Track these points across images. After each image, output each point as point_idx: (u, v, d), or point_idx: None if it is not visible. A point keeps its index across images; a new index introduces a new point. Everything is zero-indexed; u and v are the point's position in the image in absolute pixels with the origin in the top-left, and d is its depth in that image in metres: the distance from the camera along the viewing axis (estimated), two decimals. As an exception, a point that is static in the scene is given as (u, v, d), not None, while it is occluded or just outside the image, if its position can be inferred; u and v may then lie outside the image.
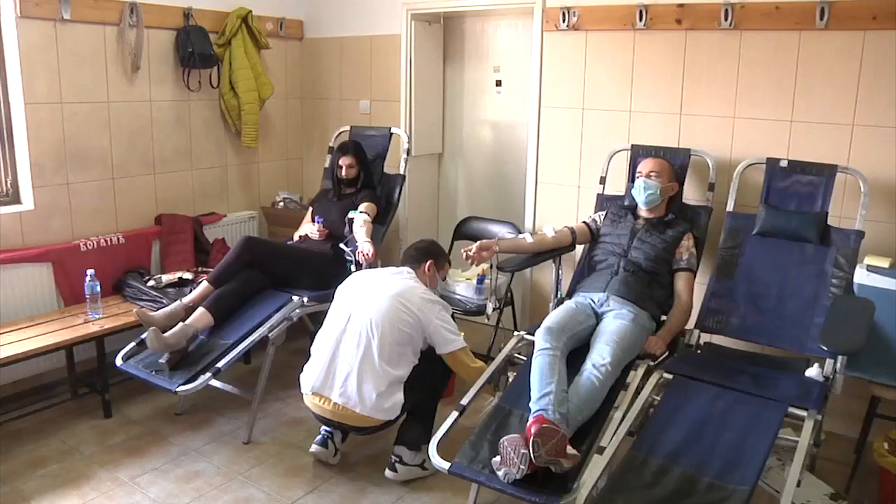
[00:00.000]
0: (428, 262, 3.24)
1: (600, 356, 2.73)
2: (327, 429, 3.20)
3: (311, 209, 4.23)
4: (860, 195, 3.11)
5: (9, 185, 3.72)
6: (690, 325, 3.21)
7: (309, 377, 3.06)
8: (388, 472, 3.06)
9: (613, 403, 2.68)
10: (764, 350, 3.28)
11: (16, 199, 3.75)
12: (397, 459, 3.05)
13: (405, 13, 4.56)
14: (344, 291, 3.15)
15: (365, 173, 4.12)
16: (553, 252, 3.42)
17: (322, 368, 3.01)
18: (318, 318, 3.77)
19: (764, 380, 2.78)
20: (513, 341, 3.11)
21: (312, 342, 3.17)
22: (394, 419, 2.99)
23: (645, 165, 3.35)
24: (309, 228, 4.03)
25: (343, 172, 4.06)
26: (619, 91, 3.84)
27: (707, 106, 3.60)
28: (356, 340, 2.96)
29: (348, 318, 3.02)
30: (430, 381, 3.09)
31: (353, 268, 3.56)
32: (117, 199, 4.10)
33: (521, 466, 2.30)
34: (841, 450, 3.29)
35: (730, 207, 3.39)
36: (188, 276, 3.95)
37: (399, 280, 3.09)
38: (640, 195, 3.30)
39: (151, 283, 3.88)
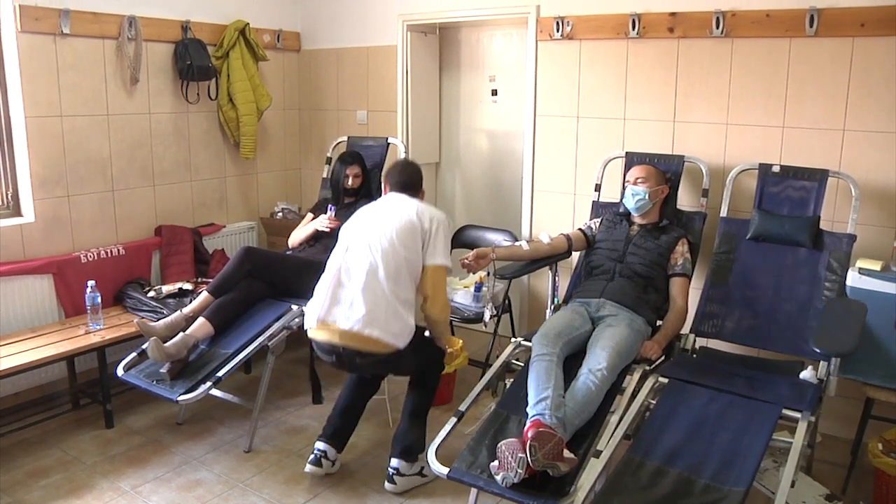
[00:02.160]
0: (422, 192, 3.27)
1: (597, 361, 2.75)
2: (320, 448, 3.17)
3: (310, 215, 4.23)
4: (852, 199, 3.15)
5: (10, 197, 3.76)
6: (686, 329, 3.23)
7: (313, 311, 2.98)
8: (387, 485, 3.07)
9: (610, 407, 2.70)
10: (759, 353, 3.31)
11: (17, 212, 3.78)
12: (395, 472, 3.07)
13: (401, 24, 4.60)
14: (346, 229, 3.12)
15: (365, 183, 4.17)
16: (550, 259, 3.44)
17: (326, 299, 2.94)
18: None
19: (758, 383, 2.80)
20: (510, 347, 3.13)
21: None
22: (402, 348, 2.90)
23: (631, 173, 3.40)
24: (319, 221, 4.04)
25: (350, 182, 4.08)
26: (614, 99, 3.88)
27: (700, 113, 3.64)
28: (359, 266, 2.92)
29: (347, 248, 3.00)
30: (424, 383, 3.13)
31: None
32: (117, 210, 4.13)
33: (519, 470, 2.32)
34: (837, 451, 3.32)
35: (723, 213, 3.42)
36: (188, 286, 3.98)
37: (402, 203, 3.08)
38: (629, 203, 3.35)
39: (152, 293, 3.91)
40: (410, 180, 3.23)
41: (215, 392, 3.36)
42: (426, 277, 2.99)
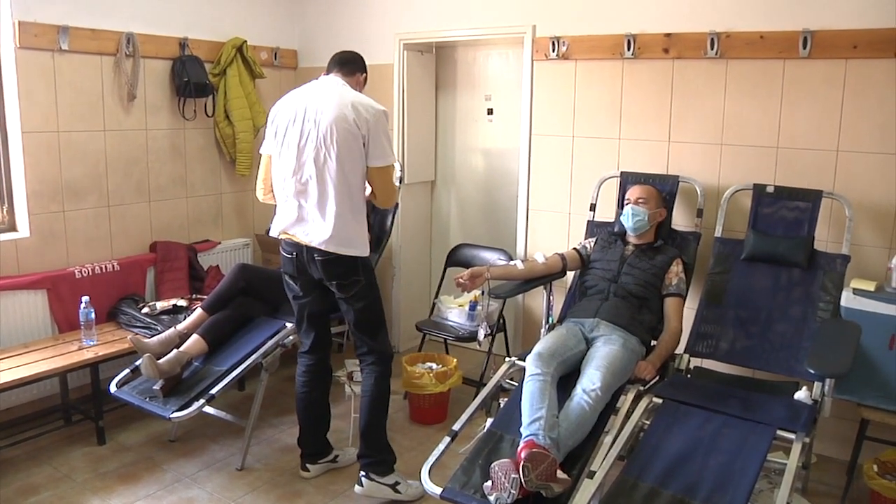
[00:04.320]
0: (362, 76, 3.23)
1: (591, 381, 2.75)
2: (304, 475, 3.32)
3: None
4: (846, 220, 3.16)
5: (5, 213, 3.76)
6: (680, 349, 3.23)
7: (278, 225, 3.09)
8: (356, 488, 3.11)
9: (604, 428, 2.69)
10: (754, 374, 3.31)
11: (12, 227, 3.77)
12: (364, 475, 3.10)
13: (398, 43, 4.63)
14: (279, 123, 3.08)
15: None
16: (544, 278, 3.44)
17: (289, 219, 3.03)
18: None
19: (753, 403, 2.80)
20: (504, 367, 3.13)
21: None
22: (357, 257, 3.00)
23: (633, 192, 3.41)
24: None
25: None
26: (609, 119, 3.90)
27: (695, 133, 3.66)
28: (311, 186, 2.95)
29: (298, 161, 2.97)
30: (375, 403, 3.12)
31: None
32: (112, 226, 4.13)
33: (512, 491, 2.31)
34: (832, 473, 3.31)
35: (718, 233, 3.43)
36: (182, 303, 3.97)
37: (335, 98, 3.01)
38: (628, 221, 3.35)
39: (146, 310, 3.90)
40: (345, 58, 3.19)
41: (208, 409, 3.35)
42: (370, 178, 3.00)
